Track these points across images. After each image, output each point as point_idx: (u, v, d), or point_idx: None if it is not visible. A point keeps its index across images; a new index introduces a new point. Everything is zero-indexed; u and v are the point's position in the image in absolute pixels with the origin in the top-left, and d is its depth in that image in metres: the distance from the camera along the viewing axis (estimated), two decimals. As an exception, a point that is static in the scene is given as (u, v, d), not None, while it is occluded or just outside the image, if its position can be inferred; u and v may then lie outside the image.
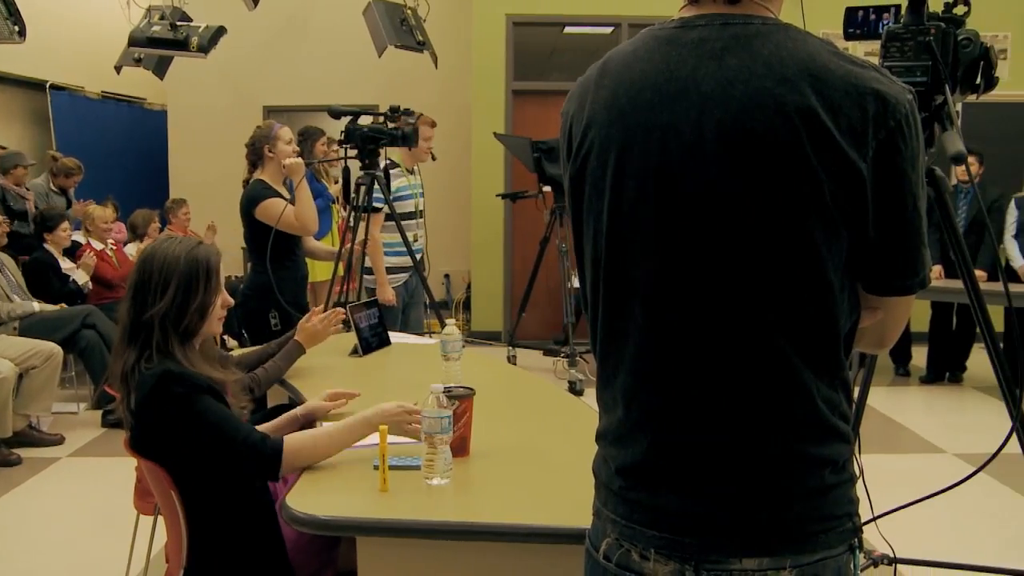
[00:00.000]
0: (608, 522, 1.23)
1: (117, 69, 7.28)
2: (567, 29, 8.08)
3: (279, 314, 4.04)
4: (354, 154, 4.36)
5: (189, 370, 2.02)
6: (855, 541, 1.18)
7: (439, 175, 7.60)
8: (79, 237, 6.37)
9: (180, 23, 5.88)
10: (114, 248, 6.45)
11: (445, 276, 8.78)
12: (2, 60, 7.45)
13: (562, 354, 6.38)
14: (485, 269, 7.98)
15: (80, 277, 5.98)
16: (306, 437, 2.11)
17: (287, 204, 4.02)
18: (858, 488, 1.23)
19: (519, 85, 7.83)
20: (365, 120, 4.41)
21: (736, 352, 1.12)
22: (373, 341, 3.49)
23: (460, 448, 2.12)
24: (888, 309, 1.21)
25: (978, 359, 6.43)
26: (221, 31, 6.00)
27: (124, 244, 6.87)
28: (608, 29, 7.88)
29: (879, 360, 6.87)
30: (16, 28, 5.10)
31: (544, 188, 6.53)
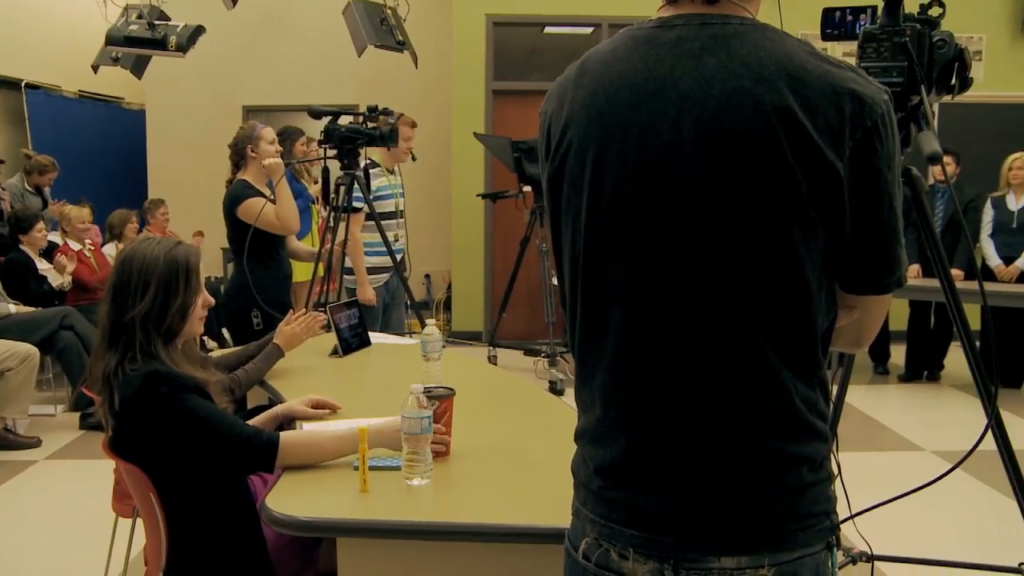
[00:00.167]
0: (587, 521, 1.23)
1: (94, 68, 7.23)
2: (547, 29, 8.09)
3: (261, 313, 4.05)
4: (333, 154, 4.35)
5: (175, 370, 2.02)
6: (833, 539, 1.19)
7: (419, 175, 7.59)
8: (55, 238, 6.32)
9: (158, 22, 5.85)
10: (92, 249, 6.40)
11: (426, 276, 8.77)
12: (-24, 59, 7.40)
13: (543, 354, 6.38)
14: (466, 269, 7.98)
15: (57, 279, 5.93)
16: (305, 437, 2.11)
17: (267, 203, 4.02)
18: (836, 486, 1.24)
19: (499, 85, 7.83)
20: (345, 120, 4.40)
21: (714, 351, 1.12)
22: (353, 342, 3.48)
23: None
24: (865, 308, 1.21)
25: (956, 357, 6.49)
26: (200, 30, 5.97)
27: (102, 245, 6.81)
28: (588, 29, 7.89)
29: (858, 359, 6.93)
30: None
31: (524, 188, 6.54)
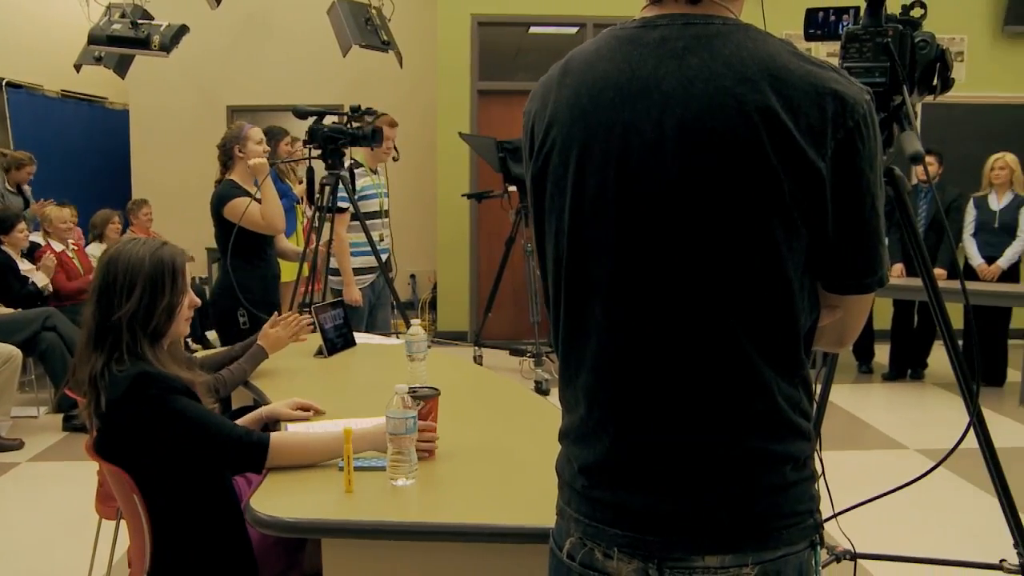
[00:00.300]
0: (571, 521, 1.23)
1: (77, 67, 7.18)
2: (532, 29, 8.09)
3: (248, 313, 4.06)
4: (318, 154, 4.34)
5: (163, 371, 2.01)
6: (816, 537, 1.20)
7: (405, 175, 7.58)
8: (38, 238, 6.28)
9: (141, 21, 5.82)
10: (75, 249, 6.36)
11: (411, 276, 8.76)
12: (-44, 58, 7.34)
13: (528, 354, 6.39)
14: (451, 269, 7.97)
15: (40, 279, 5.89)
16: (295, 439, 2.10)
17: (252, 202, 4.03)
18: (819, 485, 1.24)
19: (484, 85, 7.83)
20: (329, 120, 4.39)
21: (696, 350, 1.13)
22: (338, 342, 3.47)
23: (427, 452, 2.11)
24: (847, 307, 1.22)
25: (939, 356, 6.53)
26: (183, 30, 5.95)
27: (85, 245, 6.77)
28: (573, 29, 7.90)
29: (842, 358, 6.95)
30: None
31: (509, 188, 6.54)
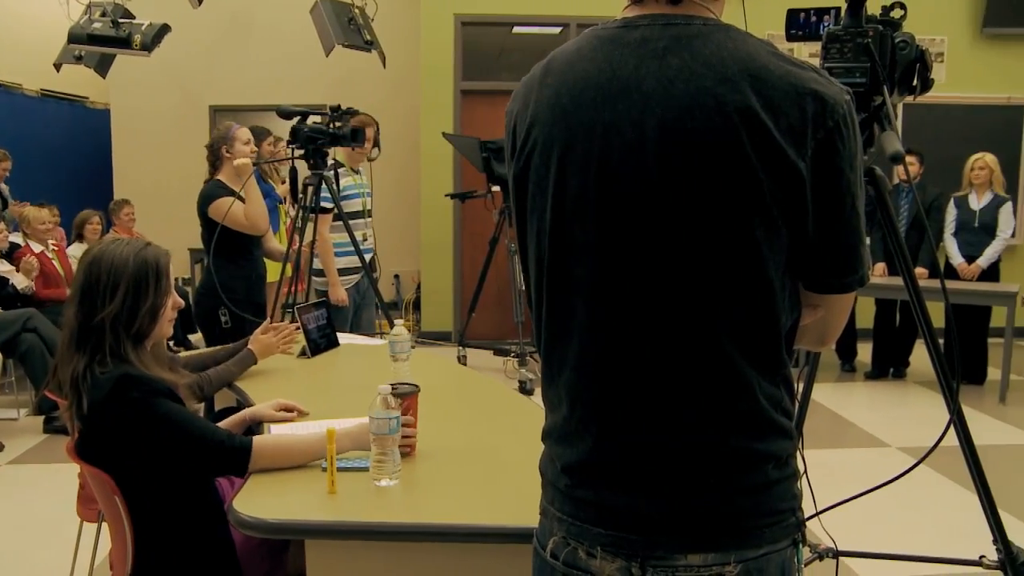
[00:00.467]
0: (555, 520, 1.24)
1: (57, 67, 7.12)
2: (516, 29, 8.10)
3: (229, 312, 4.06)
4: (301, 154, 4.34)
5: (147, 373, 1.99)
6: (799, 535, 1.20)
7: (388, 175, 7.56)
8: (17, 239, 6.23)
9: (122, 20, 5.77)
10: (55, 249, 6.31)
11: (395, 276, 8.74)
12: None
13: (512, 354, 6.39)
14: (435, 269, 7.96)
15: (20, 281, 5.84)
16: (278, 441, 2.09)
17: (236, 201, 4.03)
18: (802, 483, 1.25)
19: (468, 85, 7.83)
20: (310, 120, 4.39)
21: (678, 350, 1.13)
22: (321, 342, 3.46)
23: (407, 446, 2.11)
24: (829, 307, 1.23)
25: (921, 354, 6.57)
26: (165, 29, 5.90)
27: (67, 246, 6.73)
28: (557, 29, 7.91)
29: (825, 356, 7.00)
30: None
31: (493, 188, 6.54)
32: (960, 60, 7.93)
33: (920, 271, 6.11)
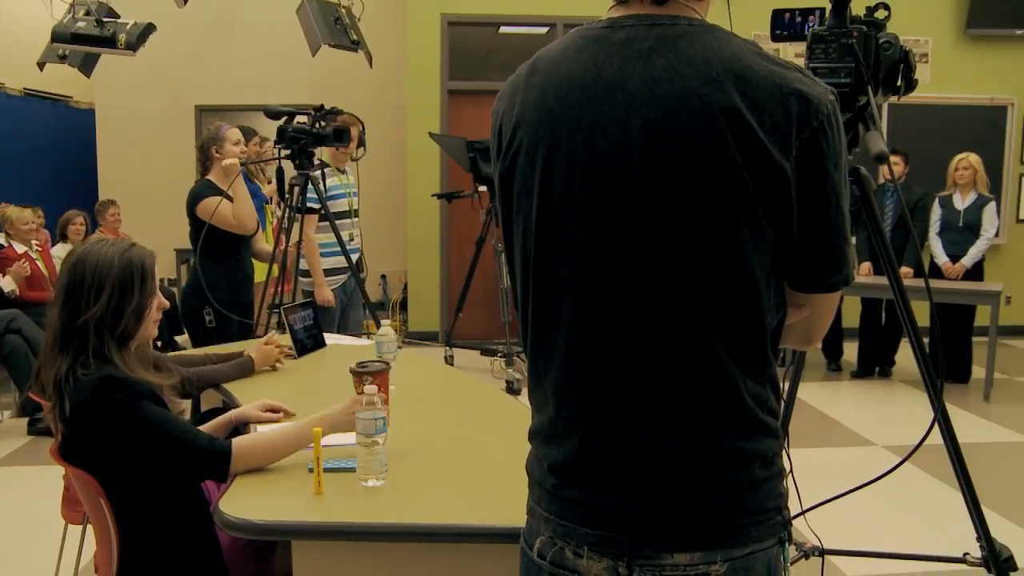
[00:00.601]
0: (542, 520, 1.24)
1: (40, 66, 7.07)
2: (502, 29, 8.10)
3: (214, 312, 4.06)
4: (287, 154, 4.33)
5: (130, 376, 1.98)
6: (785, 534, 1.21)
7: (375, 176, 7.54)
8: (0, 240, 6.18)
9: (106, 19, 5.72)
10: (39, 250, 6.27)
11: (382, 277, 8.73)
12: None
13: (499, 353, 6.39)
14: (422, 269, 7.95)
15: (6, 284, 5.80)
16: (253, 440, 2.09)
17: (223, 200, 4.04)
18: (788, 482, 1.25)
19: (454, 85, 7.82)
20: (295, 120, 4.38)
21: (664, 349, 1.13)
22: (308, 343, 3.45)
23: None
24: (814, 306, 1.23)
25: (906, 353, 6.60)
26: (150, 28, 5.86)
27: (51, 246, 6.68)
28: (543, 29, 7.91)
29: (812, 356, 7.02)
30: None
31: (480, 188, 6.54)
32: (944, 61, 7.98)
33: (905, 270, 6.14)
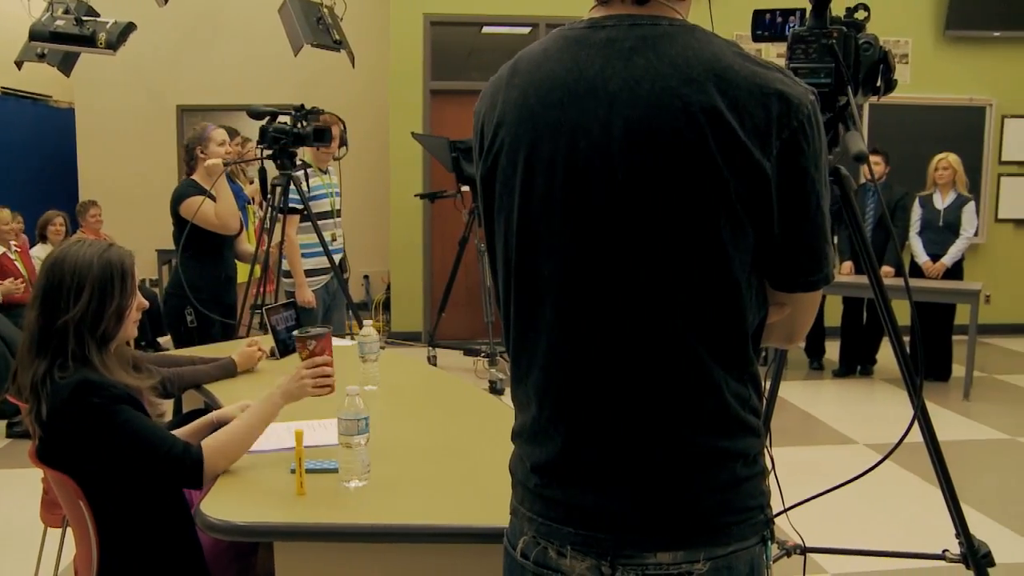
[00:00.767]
0: (525, 520, 1.24)
1: (18, 64, 7.01)
2: (485, 29, 8.10)
3: (195, 312, 4.06)
4: (269, 154, 4.32)
5: (108, 379, 1.96)
6: (767, 532, 1.21)
7: (357, 176, 7.53)
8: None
9: (86, 18, 5.68)
10: (17, 250, 6.22)
11: (364, 277, 8.71)
12: None
13: (482, 354, 6.39)
14: (404, 270, 7.94)
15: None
16: (221, 437, 2.07)
17: (206, 200, 4.03)
18: (770, 481, 1.26)
19: (437, 85, 7.81)
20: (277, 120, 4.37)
21: (645, 349, 1.13)
22: (290, 344, 3.43)
23: (327, 386, 2.20)
24: (795, 305, 1.24)
25: (888, 352, 6.65)
26: (131, 27, 5.81)
27: (31, 247, 6.63)
28: (526, 29, 7.92)
29: (794, 355, 7.04)
30: None
31: (462, 188, 6.53)
32: (924, 61, 8.04)
33: (886, 270, 6.18)
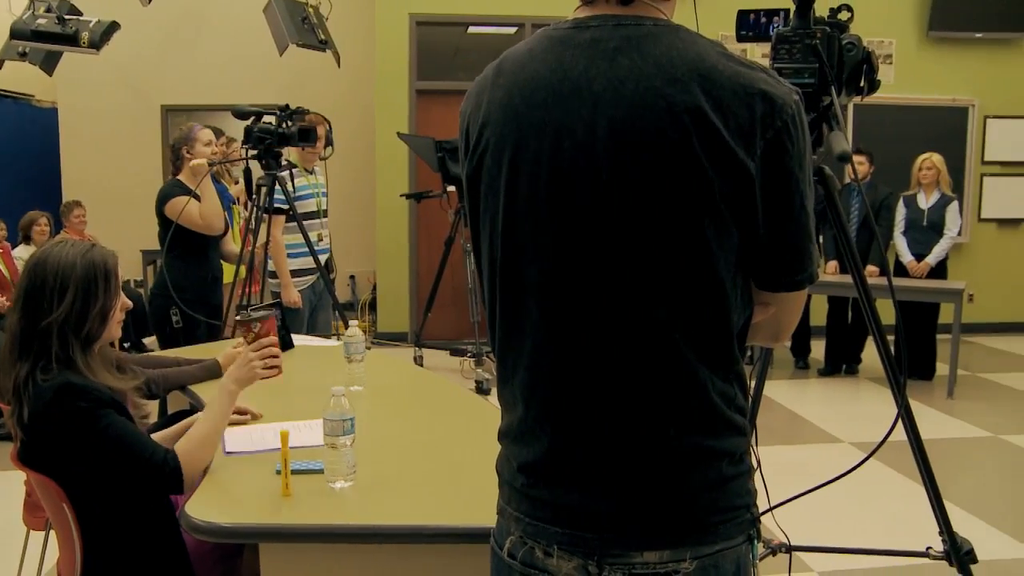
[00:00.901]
0: (512, 520, 1.24)
1: (-1, 63, 6.96)
2: (471, 29, 8.09)
3: (180, 312, 4.05)
4: (254, 155, 4.31)
5: (91, 382, 1.95)
6: (753, 531, 1.21)
7: (343, 176, 7.51)
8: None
9: (68, 17, 5.64)
10: (0, 252, 6.18)
11: (351, 277, 8.69)
12: None
13: (469, 354, 6.38)
14: (391, 270, 7.92)
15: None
16: (191, 441, 2.07)
17: (191, 200, 4.03)
18: (755, 479, 1.26)
19: (423, 85, 7.80)
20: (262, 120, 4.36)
21: (631, 349, 1.13)
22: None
23: (276, 367, 2.25)
24: (780, 304, 1.24)
25: (873, 351, 6.68)
26: (114, 26, 5.78)
27: (13, 247, 6.59)
28: (512, 29, 7.92)
29: (781, 354, 7.06)
30: None
31: (448, 188, 6.52)
32: (908, 62, 8.08)
33: (871, 269, 6.22)
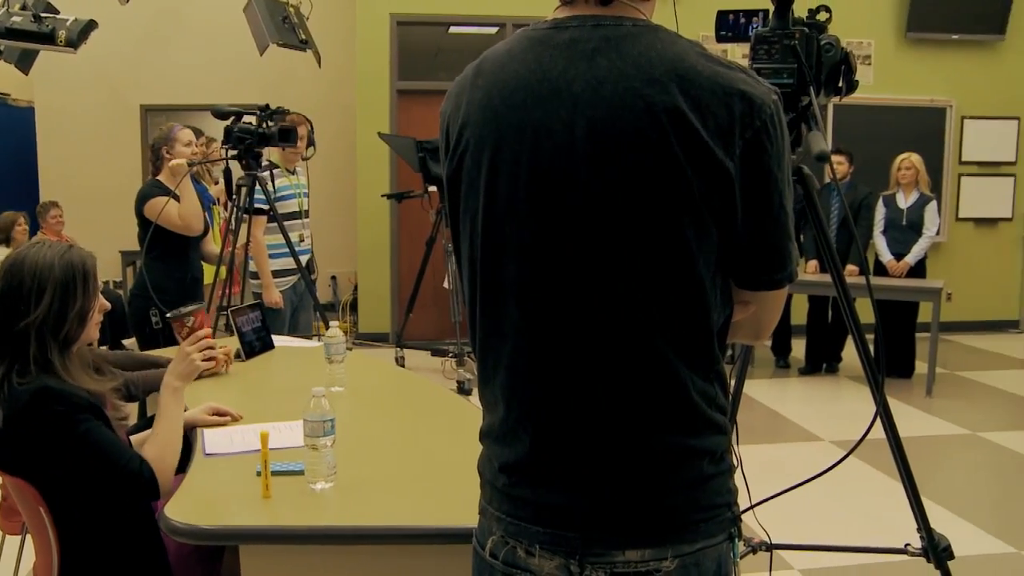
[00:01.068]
0: (494, 520, 1.24)
1: (-28, 60, 6.89)
2: (452, 29, 8.08)
3: (160, 313, 4.03)
4: (234, 155, 4.29)
5: (69, 386, 1.93)
6: (734, 530, 1.22)
7: (324, 176, 7.48)
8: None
9: (45, 15, 5.58)
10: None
11: (332, 278, 8.66)
12: None
13: (450, 354, 6.38)
14: (372, 270, 7.91)
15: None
16: (156, 447, 2.06)
17: (170, 201, 4.01)
18: (736, 477, 1.26)
19: (404, 85, 7.79)
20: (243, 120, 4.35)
21: (610, 348, 1.14)
22: (256, 345, 3.41)
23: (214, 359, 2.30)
24: (760, 303, 1.25)
25: (853, 350, 6.72)
26: (92, 25, 5.73)
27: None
28: (493, 29, 7.92)
29: (761, 353, 7.09)
30: None
31: (429, 188, 6.51)
32: (886, 62, 8.14)
33: (851, 268, 6.26)
